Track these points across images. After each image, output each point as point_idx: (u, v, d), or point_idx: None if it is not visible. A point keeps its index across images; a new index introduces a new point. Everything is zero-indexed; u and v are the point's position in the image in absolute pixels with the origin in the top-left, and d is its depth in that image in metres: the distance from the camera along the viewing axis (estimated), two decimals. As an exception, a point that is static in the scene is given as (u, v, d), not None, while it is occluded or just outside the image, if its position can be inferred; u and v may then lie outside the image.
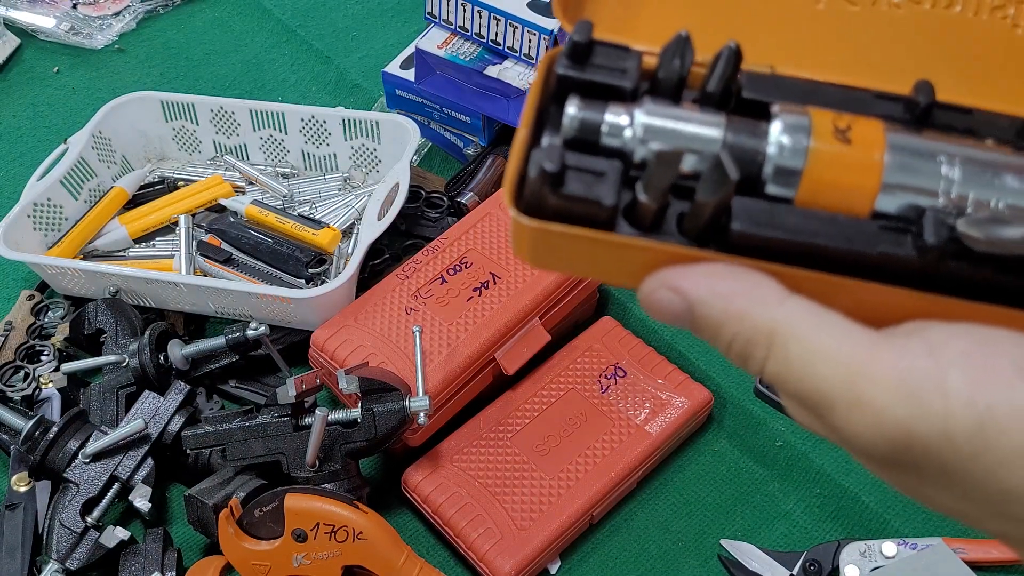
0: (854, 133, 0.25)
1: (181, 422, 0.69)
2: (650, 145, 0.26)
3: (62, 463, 0.66)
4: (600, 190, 0.24)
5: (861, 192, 0.25)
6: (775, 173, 0.25)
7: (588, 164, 0.25)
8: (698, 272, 0.24)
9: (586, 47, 0.28)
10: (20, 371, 0.76)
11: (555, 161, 0.24)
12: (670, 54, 0.28)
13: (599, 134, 0.26)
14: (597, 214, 0.25)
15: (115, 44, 1.10)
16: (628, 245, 0.25)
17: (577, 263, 0.26)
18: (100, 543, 0.63)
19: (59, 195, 0.84)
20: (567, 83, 0.28)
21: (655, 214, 0.25)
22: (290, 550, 0.61)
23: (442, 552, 0.68)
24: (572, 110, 0.27)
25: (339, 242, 0.82)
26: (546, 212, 0.25)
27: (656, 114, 0.26)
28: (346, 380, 0.64)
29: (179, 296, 0.77)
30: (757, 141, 0.26)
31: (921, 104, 0.27)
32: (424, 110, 0.92)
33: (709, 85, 0.28)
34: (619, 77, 0.27)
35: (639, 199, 0.25)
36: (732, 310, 0.24)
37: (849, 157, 0.25)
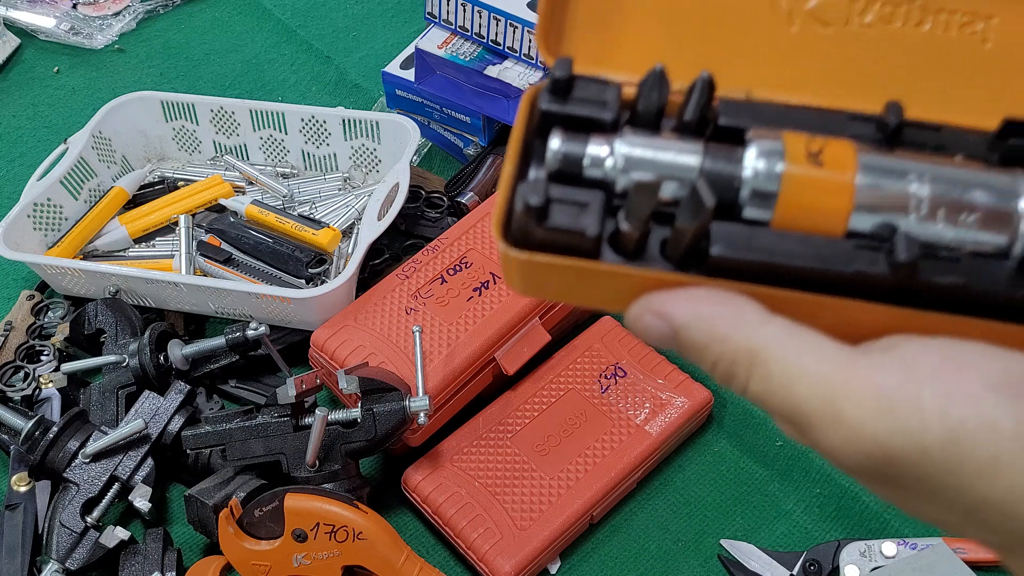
0: (826, 155, 0.26)
1: (181, 422, 0.69)
2: (631, 175, 0.27)
3: (62, 463, 0.66)
4: (584, 221, 0.25)
5: (835, 213, 0.26)
6: (751, 197, 0.26)
7: (572, 196, 0.26)
8: (681, 297, 0.25)
9: (567, 82, 0.29)
10: (20, 371, 0.76)
11: (539, 195, 0.25)
12: (647, 87, 0.29)
13: (582, 166, 0.27)
14: (582, 244, 0.26)
15: (115, 44, 1.10)
16: (613, 273, 0.26)
17: (566, 291, 0.27)
18: (100, 543, 0.63)
19: (59, 195, 0.84)
20: (550, 117, 0.29)
21: (638, 241, 0.26)
22: (290, 550, 0.61)
23: (442, 552, 0.68)
24: (555, 144, 0.28)
25: (339, 242, 0.82)
26: (533, 244, 0.26)
27: (635, 144, 0.27)
28: (346, 380, 0.64)
29: (179, 296, 0.77)
30: (733, 166, 0.27)
31: (891, 124, 0.28)
32: (424, 110, 0.92)
33: (686, 114, 0.29)
34: (600, 109, 0.28)
35: (621, 228, 0.25)
36: (715, 333, 0.25)
37: (822, 180, 0.26)
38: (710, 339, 0.25)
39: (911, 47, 0.32)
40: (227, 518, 0.61)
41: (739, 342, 0.24)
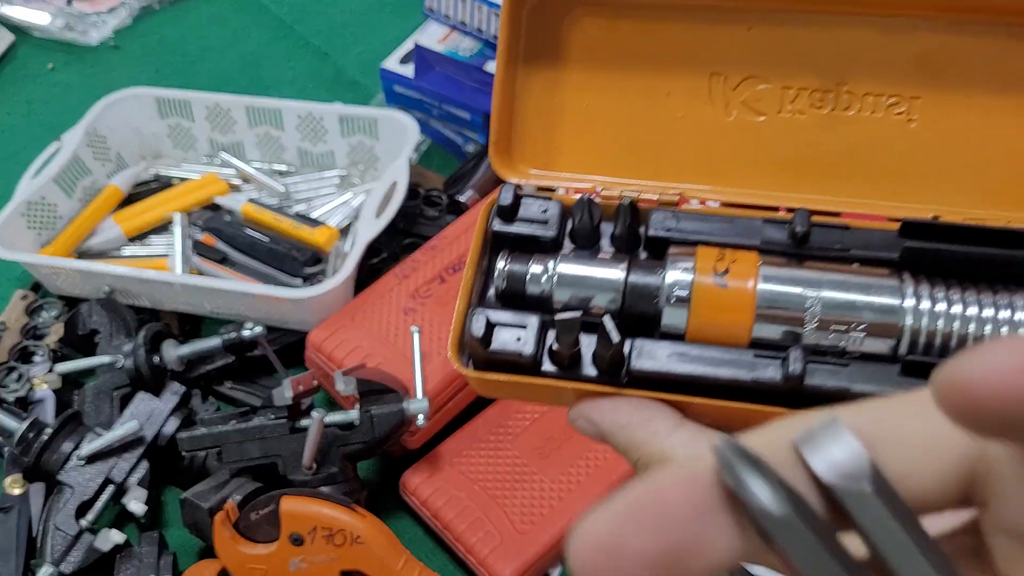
0: (732, 274, 0.30)
1: (177, 424, 0.68)
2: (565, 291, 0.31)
3: (56, 465, 0.65)
4: (522, 344, 0.30)
5: (738, 326, 0.29)
6: (667, 311, 0.30)
7: (513, 320, 0.30)
8: (605, 406, 0.29)
9: (512, 206, 0.33)
10: (13, 372, 0.75)
11: (480, 328, 0.29)
12: (578, 212, 0.33)
13: (525, 283, 0.32)
14: (521, 362, 0.30)
15: (110, 40, 1.09)
16: (548, 385, 0.30)
17: (516, 395, 0.32)
18: (94, 547, 0.63)
19: (53, 193, 0.83)
20: (499, 238, 0.33)
21: (570, 358, 0.30)
22: (287, 554, 0.60)
23: (441, 556, 0.67)
24: (500, 265, 0.32)
25: (336, 241, 0.81)
26: (481, 363, 0.30)
27: (569, 263, 0.32)
28: (343, 381, 0.63)
29: (174, 296, 0.76)
30: (653, 281, 0.31)
31: (799, 232, 0.31)
32: (423, 107, 0.91)
33: (616, 231, 0.33)
34: (542, 228, 0.33)
35: (554, 348, 0.30)
36: (632, 439, 0.28)
37: (726, 297, 0.30)
38: (628, 445, 0.28)
39: (841, 130, 0.35)
40: (223, 521, 0.61)
41: (652, 449, 0.28)
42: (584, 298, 0.31)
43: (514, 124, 0.36)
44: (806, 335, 0.29)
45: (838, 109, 0.34)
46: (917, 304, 0.29)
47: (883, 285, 0.29)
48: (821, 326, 0.29)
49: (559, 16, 0.35)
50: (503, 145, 0.36)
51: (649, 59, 0.35)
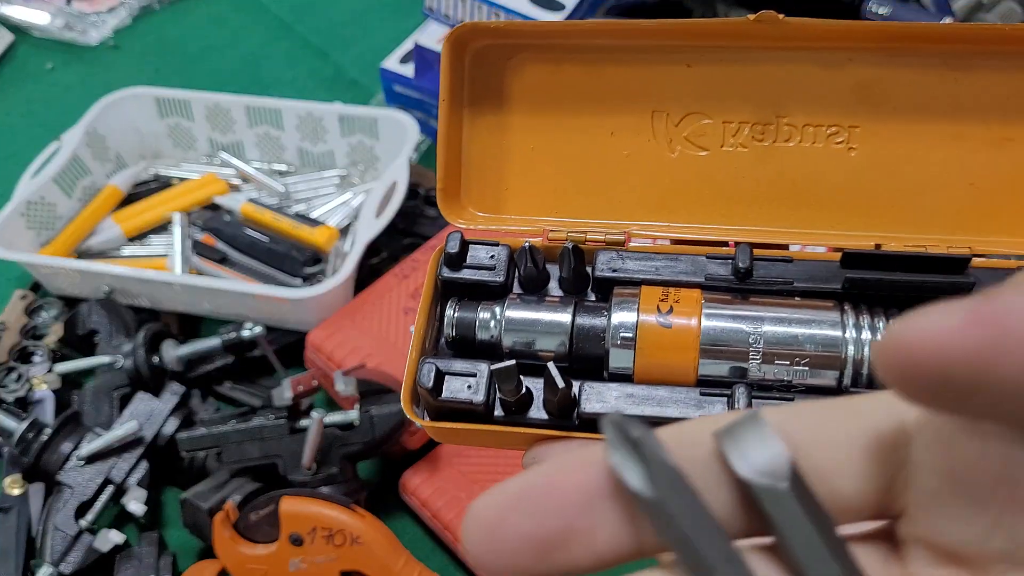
0: (675, 313, 0.30)
1: (176, 424, 0.68)
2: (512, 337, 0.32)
3: (56, 465, 0.65)
4: (472, 392, 0.30)
5: (684, 365, 0.30)
6: (613, 352, 0.30)
7: (463, 368, 0.31)
8: (557, 449, 0.29)
9: (459, 254, 0.33)
10: (13, 372, 0.75)
11: (429, 379, 0.30)
12: (521, 261, 0.33)
13: (474, 329, 0.32)
14: (472, 410, 0.30)
15: (110, 40, 1.08)
16: (499, 432, 0.31)
17: (470, 441, 0.32)
18: (94, 547, 0.62)
19: (52, 193, 0.83)
20: (448, 285, 0.34)
21: (519, 403, 0.30)
22: (287, 554, 0.60)
23: (441, 556, 0.67)
24: (450, 312, 0.33)
25: (336, 240, 0.81)
26: (433, 412, 0.31)
27: (516, 308, 0.32)
28: (343, 382, 0.63)
29: (174, 296, 0.76)
30: (599, 322, 0.31)
31: (741, 267, 0.32)
32: (423, 106, 0.91)
33: (562, 272, 0.33)
34: (490, 274, 0.33)
35: (499, 395, 0.30)
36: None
37: (670, 337, 0.30)
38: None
39: (785, 161, 0.35)
40: (223, 522, 0.60)
41: None
42: (530, 342, 0.32)
43: (461, 169, 0.37)
44: (752, 370, 0.30)
45: (779, 141, 0.35)
46: (858, 335, 0.29)
47: (824, 318, 0.30)
48: (766, 360, 0.30)
49: (502, 61, 0.36)
50: (451, 191, 0.36)
51: (592, 99, 0.36)
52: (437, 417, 0.31)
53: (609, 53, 0.35)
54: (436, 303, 0.34)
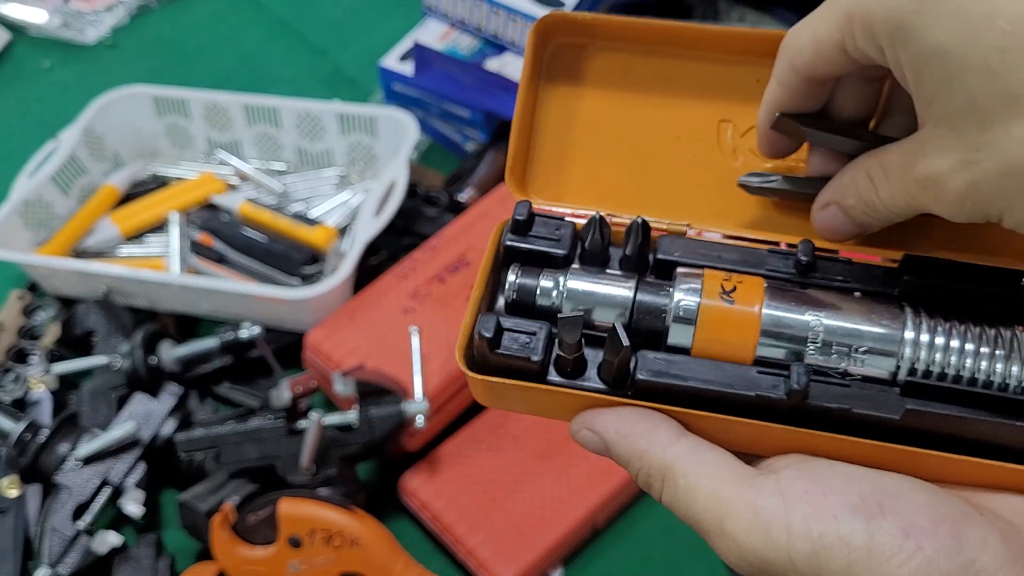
0: (738, 293, 0.31)
1: (174, 425, 0.68)
2: (573, 306, 0.32)
3: (53, 467, 0.65)
4: (530, 349, 0.30)
5: (743, 344, 0.30)
6: (673, 327, 0.31)
7: (522, 326, 0.31)
8: (610, 416, 0.30)
9: (527, 222, 0.34)
10: (10, 373, 0.75)
11: (490, 329, 0.30)
12: (588, 230, 0.33)
13: (535, 296, 0.32)
14: (529, 368, 0.30)
15: (107, 39, 1.08)
16: (553, 392, 0.30)
17: (520, 404, 0.32)
18: (91, 549, 0.62)
19: (50, 193, 0.82)
20: (511, 252, 0.34)
21: (574, 364, 0.30)
22: (285, 556, 0.60)
23: (440, 559, 0.66)
24: (512, 277, 0.33)
25: (334, 240, 0.81)
26: (489, 367, 0.31)
27: (579, 278, 0.32)
28: (342, 382, 0.63)
29: (171, 296, 0.76)
30: (661, 299, 0.31)
31: (803, 260, 0.32)
32: (422, 105, 0.91)
33: (627, 250, 0.33)
34: (554, 245, 0.34)
35: (559, 353, 0.30)
36: (635, 449, 0.29)
37: (732, 315, 0.30)
38: (631, 454, 0.29)
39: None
40: (221, 524, 0.60)
41: (654, 458, 0.29)
42: (589, 311, 0.32)
43: (530, 153, 0.37)
44: (808, 355, 0.30)
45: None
46: (917, 336, 0.30)
47: (884, 314, 0.31)
48: (824, 348, 0.30)
49: (580, 54, 0.36)
50: (518, 172, 0.37)
51: (661, 102, 0.36)
52: (490, 374, 0.30)
53: (681, 59, 0.36)
54: (497, 269, 0.34)
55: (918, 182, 0.28)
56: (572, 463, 0.66)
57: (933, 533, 0.25)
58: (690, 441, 0.29)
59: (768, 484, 0.27)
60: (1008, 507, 0.27)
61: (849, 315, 0.30)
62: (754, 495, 0.27)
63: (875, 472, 0.28)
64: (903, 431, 0.29)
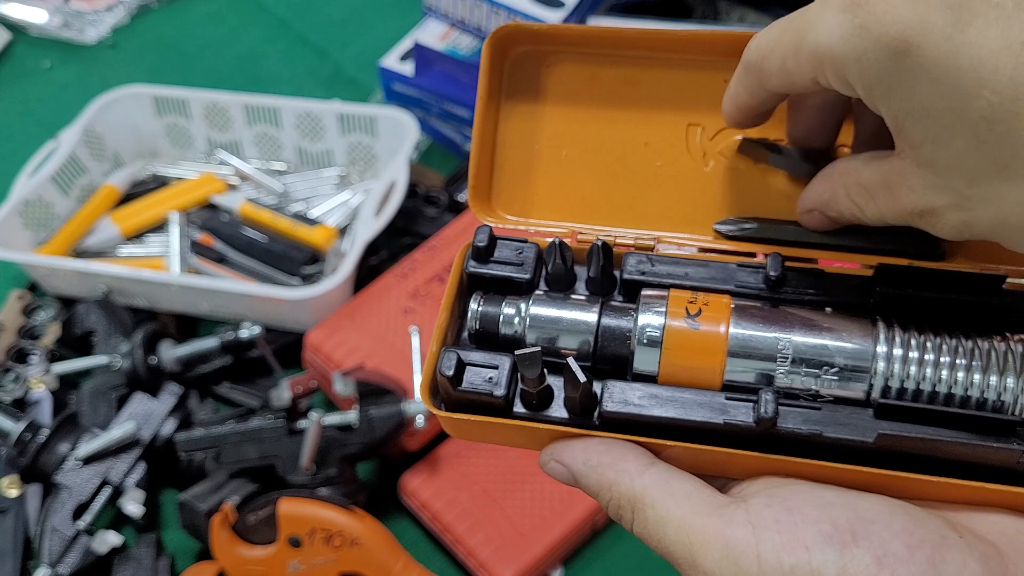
0: (704, 316, 0.30)
1: (174, 425, 0.68)
2: (536, 333, 0.31)
3: (53, 467, 0.65)
4: (493, 384, 0.30)
5: (710, 369, 0.29)
6: (638, 353, 0.30)
7: (485, 360, 0.30)
8: (577, 447, 0.29)
9: (488, 247, 0.33)
10: (10, 373, 0.75)
11: (451, 367, 0.29)
12: (550, 256, 0.32)
13: (498, 324, 0.32)
14: (493, 403, 0.30)
15: (107, 39, 1.08)
16: (518, 426, 0.30)
17: (487, 437, 0.31)
18: (91, 549, 0.62)
19: (50, 193, 0.82)
20: (474, 279, 0.33)
21: (539, 396, 0.30)
22: (285, 556, 0.60)
23: (440, 559, 0.66)
24: (474, 306, 0.32)
25: (335, 240, 0.81)
26: (454, 403, 0.30)
27: (541, 305, 0.31)
28: (342, 382, 0.63)
29: (171, 296, 0.76)
30: (625, 323, 0.31)
31: (772, 276, 0.31)
32: (422, 105, 0.91)
33: (590, 273, 0.33)
34: (517, 270, 0.33)
35: (522, 387, 0.30)
36: (604, 480, 0.28)
37: (698, 339, 0.30)
38: (599, 486, 0.29)
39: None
40: (221, 523, 0.60)
41: (623, 489, 0.28)
42: (554, 339, 0.31)
43: (493, 170, 0.36)
44: (779, 377, 0.29)
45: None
46: (889, 350, 0.29)
47: (856, 330, 0.29)
48: (794, 368, 0.29)
49: (539, 65, 0.35)
50: (482, 191, 0.36)
51: (628, 109, 0.35)
52: (455, 410, 0.30)
53: (647, 63, 0.35)
54: (461, 296, 0.33)
55: (911, 212, 0.28)
56: (572, 463, 0.66)
57: (909, 560, 0.25)
58: (659, 470, 0.28)
59: (738, 514, 0.27)
60: (989, 526, 0.27)
61: (819, 333, 0.29)
62: (724, 525, 0.26)
63: (850, 495, 0.27)
64: (877, 453, 0.28)
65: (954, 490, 0.27)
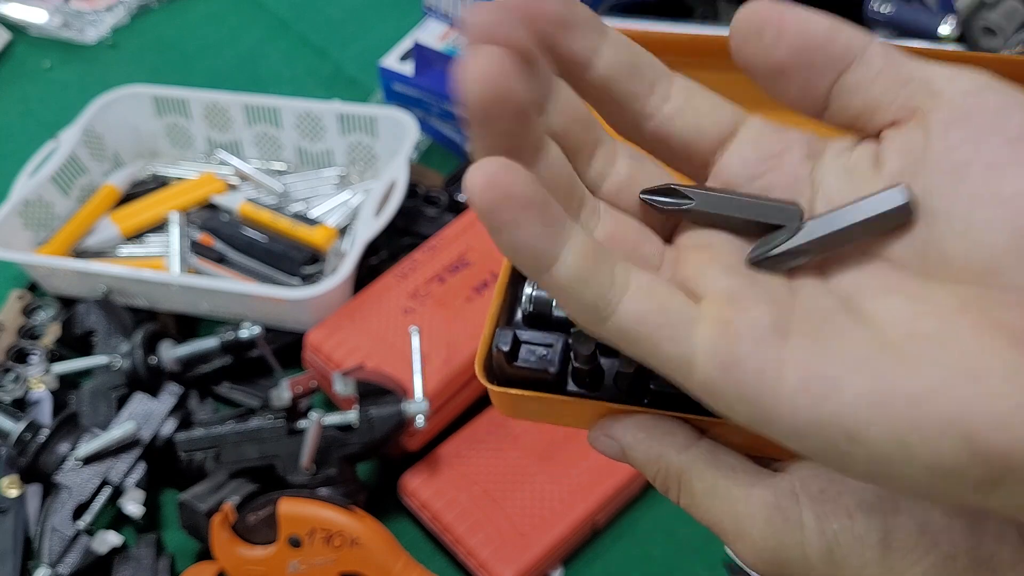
0: None
1: (174, 425, 0.68)
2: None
3: (53, 466, 0.65)
4: (546, 361, 0.31)
5: None
6: None
7: (539, 339, 0.31)
8: (627, 423, 0.30)
9: None
10: (10, 373, 0.75)
11: (507, 343, 0.30)
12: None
13: (551, 307, 0.33)
14: (546, 379, 0.31)
15: (107, 39, 1.08)
16: (571, 402, 0.31)
17: (539, 415, 0.33)
18: (91, 549, 0.62)
19: (50, 193, 0.82)
20: None
21: (591, 375, 0.31)
22: (285, 556, 0.60)
23: (441, 559, 0.66)
24: (528, 290, 0.33)
25: (335, 240, 0.81)
26: (507, 379, 0.31)
27: None
28: (342, 382, 0.63)
29: (171, 296, 0.76)
30: None
31: None
32: (422, 105, 0.91)
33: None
34: None
35: (574, 365, 0.31)
36: (652, 453, 0.29)
37: None
38: (647, 459, 0.29)
39: None
40: (221, 523, 0.60)
41: (670, 462, 0.29)
42: None
43: None
44: None
45: None
46: None
47: None
48: None
49: None
50: None
51: None
52: (509, 386, 0.31)
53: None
54: (515, 283, 0.34)
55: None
56: (572, 463, 0.66)
57: (949, 527, 0.25)
58: (706, 445, 0.29)
59: (783, 484, 0.27)
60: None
61: None
62: (769, 495, 0.27)
63: None
64: None
65: None
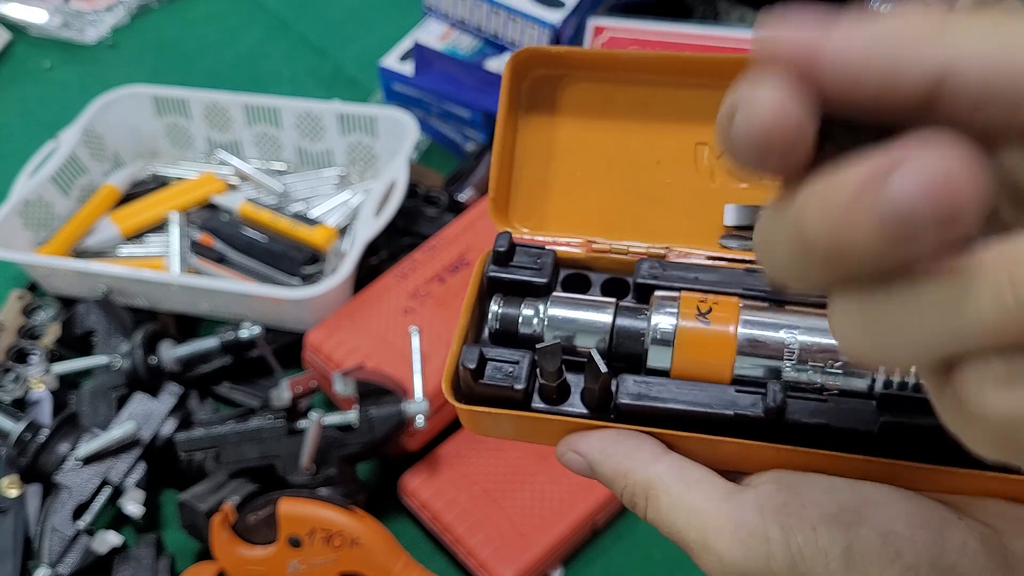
0: (714, 314, 0.31)
1: (174, 425, 0.68)
2: (554, 333, 0.33)
3: (53, 466, 0.65)
4: (513, 378, 0.31)
5: (720, 363, 0.31)
6: (652, 350, 0.31)
7: (505, 356, 0.32)
8: (593, 438, 0.30)
9: (508, 252, 0.35)
10: (10, 373, 0.75)
11: (473, 360, 0.31)
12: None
13: (517, 324, 0.33)
14: (513, 396, 0.31)
15: (107, 39, 1.08)
16: (536, 419, 0.31)
17: (506, 431, 0.33)
18: (91, 549, 0.62)
19: (50, 193, 0.82)
20: (494, 282, 0.35)
21: (557, 391, 0.31)
22: (285, 556, 0.60)
23: (441, 559, 0.66)
24: (494, 307, 0.34)
25: (335, 240, 0.81)
26: (475, 397, 0.31)
27: (559, 306, 0.33)
28: (342, 382, 0.63)
29: (171, 296, 0.76)
30: (639, 323, 0.32)
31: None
32: (422, 105, 0.91)
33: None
34: (536, 274, 0.35)
35: (540, 381, 0.31)
36: (619, 468, 0.30)
37: (708, 336, 0.31)
38: (614, 474, 0.30)
39: None
40: (221, 523, 0.60)
41: (637, 477, 0.29)
42: (570, 339, 0.33)
43: (511, 186, 0.38)
44: (786, 372, 0.31)
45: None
46: None
47: None
48: (799, 364, 0.31)
49: (557, 86, 0.37)
50: (501, 203, 0.38)
51: (640, 128, 0.37)
52: (476, 404, 0.31)
53: (658, 84, 0.36)
54: (481, 300, 0.35)
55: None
56: (572, 463, 0.66)
57: (912, 538, 0.26)
58: (672, 459, 0.29)
59: (748, 498, 0.28)
60: (988, 512, 0.28)
61: (823, 331, 0.31)
62: (734, 509, 0.28)
63: (856, 483, 0.28)
64: (881, 443, 0.29)
65: (955, 478, 0.28)
